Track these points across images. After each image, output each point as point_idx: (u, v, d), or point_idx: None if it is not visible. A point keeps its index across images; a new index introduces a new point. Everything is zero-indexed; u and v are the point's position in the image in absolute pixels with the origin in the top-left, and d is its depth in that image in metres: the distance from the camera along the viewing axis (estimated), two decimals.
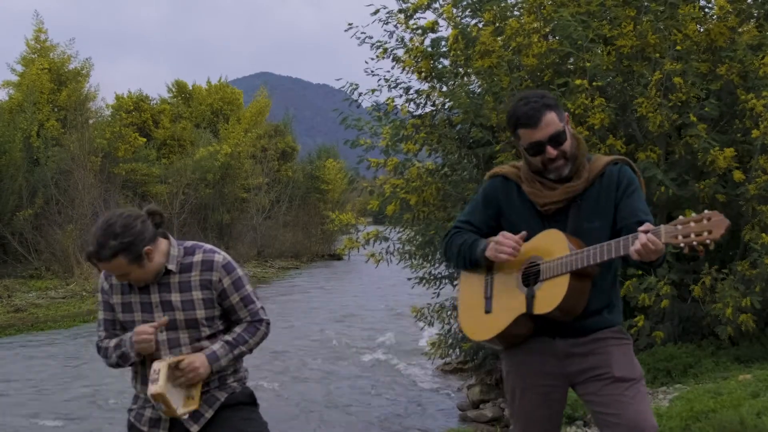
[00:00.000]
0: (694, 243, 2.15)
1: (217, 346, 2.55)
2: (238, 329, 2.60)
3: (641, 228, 2.23)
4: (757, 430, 4.15)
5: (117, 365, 2.61)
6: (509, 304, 2.48)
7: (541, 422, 2.57)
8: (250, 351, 2.62)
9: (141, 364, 2.59)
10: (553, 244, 2.42)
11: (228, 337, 2.58)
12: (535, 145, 2.42)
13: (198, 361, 2.48)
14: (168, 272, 2.56)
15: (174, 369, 2.44)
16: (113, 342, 2.60)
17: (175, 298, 2.55)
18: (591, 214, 2.46)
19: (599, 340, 2.47)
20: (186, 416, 2.51)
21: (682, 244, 2.16)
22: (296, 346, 12.58)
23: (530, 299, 2.42)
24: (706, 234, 2.14)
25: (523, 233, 2.45)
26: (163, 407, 2.41)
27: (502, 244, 2.44)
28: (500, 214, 2.60)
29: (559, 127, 2.42)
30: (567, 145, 2.44)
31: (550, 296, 2.38)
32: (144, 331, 2.48)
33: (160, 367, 2.40)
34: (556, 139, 2.41)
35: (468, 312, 2.65)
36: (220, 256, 2.60)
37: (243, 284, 2.61)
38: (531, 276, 2.46)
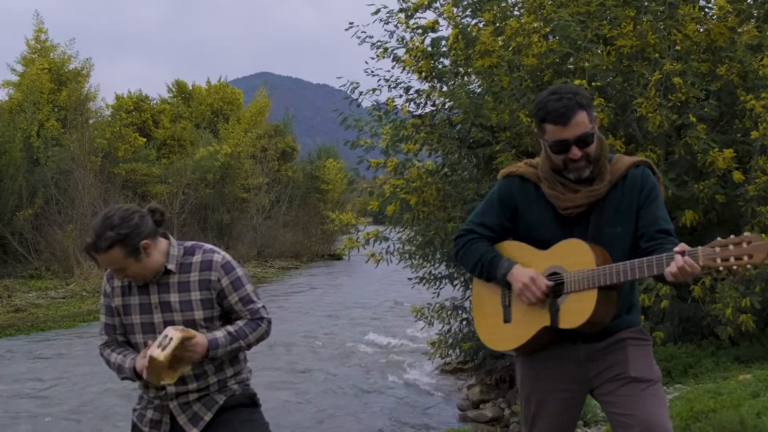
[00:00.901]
0: (734, 267, 2.10)
1: (219, 334, 2.52)
2: (240, 323, 2.58)
3: (677, 249, 2.17)
4: (757, 430, 4.16)
5: (123, 380, 2.63)
6: (531, 316, 2.41)
7: (557, 429, 2.53)
8: (248, 347, 2.60)
9: None
10: (577, 256, 2.34)
11: (230, 328, 2.55)
12: (561, 143, 2.34)
13: (200, 346, 2.45)
14: (168, 272, 2.56)
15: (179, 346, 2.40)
16: (113, 358, 2.60)
17: (174, 298, 2.54)
18: (613, 219, 2.40)
19: (618, 341, 2.42)
20: (163, 385, 2.48)
21: (721, 268, 2.12)
22: (296, 345, 12.59)
23: (555, 313, 2.36)
24: (746, 258, 2.09)
25: (551, 284, 2.37)
26: (152, 375, 2.37)
27: (531, 291, 2.37)
28: (516, 216, 2.51)
29: (588, 128, 2.33)
30: (592, 148, 2.36)
31: (578, 311, 2.32)
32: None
33: (173, 337, 2.36)
34: (584, 140, 2.33)
35: (485, 320, 2.57)
36: (219, 255, 2.59)
37: (242, 284, 2.59)
38: (553, 287, 2.39)
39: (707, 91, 6.54)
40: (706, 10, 7.29)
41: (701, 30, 6.91)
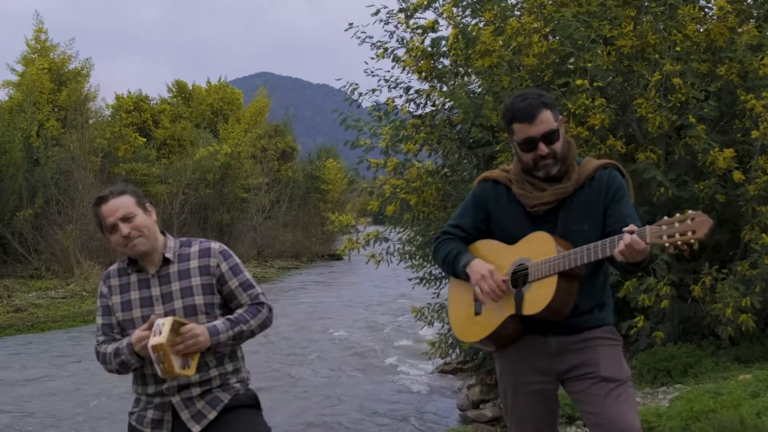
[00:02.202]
0: (679, 242, 2.18)
1: (217, 321, 2.55)
2: (239, 310, 2.62)
3: (626, 228, 2.26)
4: (757, 430, 4.16)
5: (118, 372, 2.61)
6: (498, 306, 2.51)
7: (534, 421, 2.59)
8: (252, 333, 2.61)
9: (141, 367, 2.59)
10: (541, 246, 2.45)
11: (230, 316, 2.60)
12: (529, 140, 2.47)
13: (199, 329, 2.47)
14: (167, 263, 2.62)
15: (175, 333, 2.40)
16: (110, 348, 2.60)
17: (175, 287, 2.60)
18: (580, 217, 2.50)
19: (589, 339, 2.50)
20: (180, 379, 2.49)
21: (667, 244, 2.20)
22: (295, 345, 12.59)
23: (519, 301, 2.46)
24: (690, 234, 2.17)
25: (506, 278, 2.49)
26: (164, 363, 2.36)
27: (487, 283, 2.47)
28: (489, 218, 2.64)
29: (553, 126, 2.46)
30: (558, 145, 2.48)
31: (539, 297, 2.42)
32: (141, 337, 2.46)
33: (164, 322, 2.38)
34: (549, 137, 2.46)
35: (458, 314, 2.69)
36: (217, 244, 2.70)
37: (241, 270, 2.67)
38: (519, 278, 2.49)
39: (707, 91, 6.54)
40: (706, 10, 7.30)
41: (701, 30, 6.91)
